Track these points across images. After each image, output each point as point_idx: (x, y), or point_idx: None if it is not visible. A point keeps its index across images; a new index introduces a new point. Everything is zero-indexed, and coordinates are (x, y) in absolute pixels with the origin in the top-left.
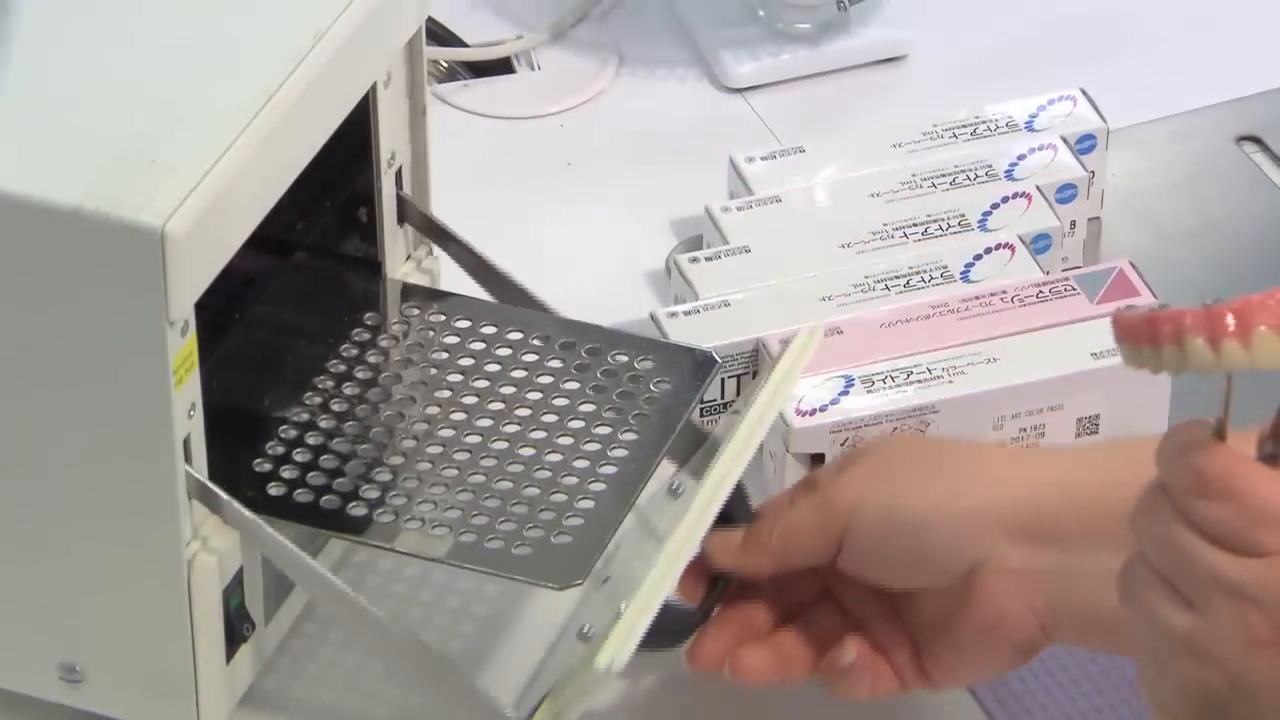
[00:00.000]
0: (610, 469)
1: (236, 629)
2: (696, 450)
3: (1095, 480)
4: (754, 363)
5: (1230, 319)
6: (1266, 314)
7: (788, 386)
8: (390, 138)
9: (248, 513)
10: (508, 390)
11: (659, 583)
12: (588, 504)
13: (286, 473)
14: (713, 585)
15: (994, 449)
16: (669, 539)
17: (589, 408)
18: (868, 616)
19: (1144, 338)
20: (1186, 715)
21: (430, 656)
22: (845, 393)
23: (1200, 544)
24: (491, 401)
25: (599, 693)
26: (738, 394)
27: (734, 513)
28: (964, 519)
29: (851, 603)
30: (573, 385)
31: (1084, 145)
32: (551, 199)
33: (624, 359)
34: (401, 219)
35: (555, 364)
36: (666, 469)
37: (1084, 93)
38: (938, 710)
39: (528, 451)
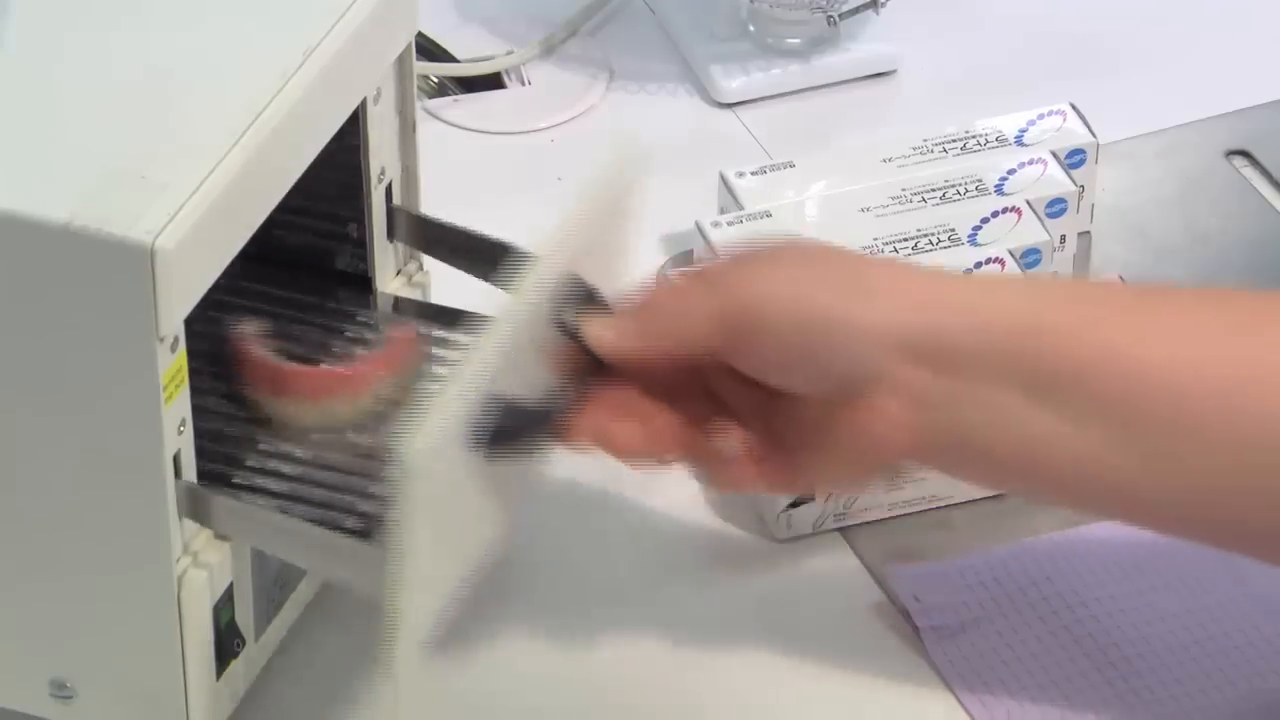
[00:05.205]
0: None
1: (227, 644)
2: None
3: (1001, 313)
4: None
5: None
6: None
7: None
8: (380, 153)
9: (237, 502)
10: None
11: (476, 363)
12: None
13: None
14: (581, 372)
15: (899, 266)
16: (494, 319)
17: None
18: (743, 412)
19: None
20: None
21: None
22: None
23: None
24: None
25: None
26: None
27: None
28: (865, 332)
29: (729, 395)
30: None
31: (1074, 160)
32: (542, 214)
33: None
34: (391, 234)
35: None
36: None
37: (1074, 107)
38: (919, 710)
39: None
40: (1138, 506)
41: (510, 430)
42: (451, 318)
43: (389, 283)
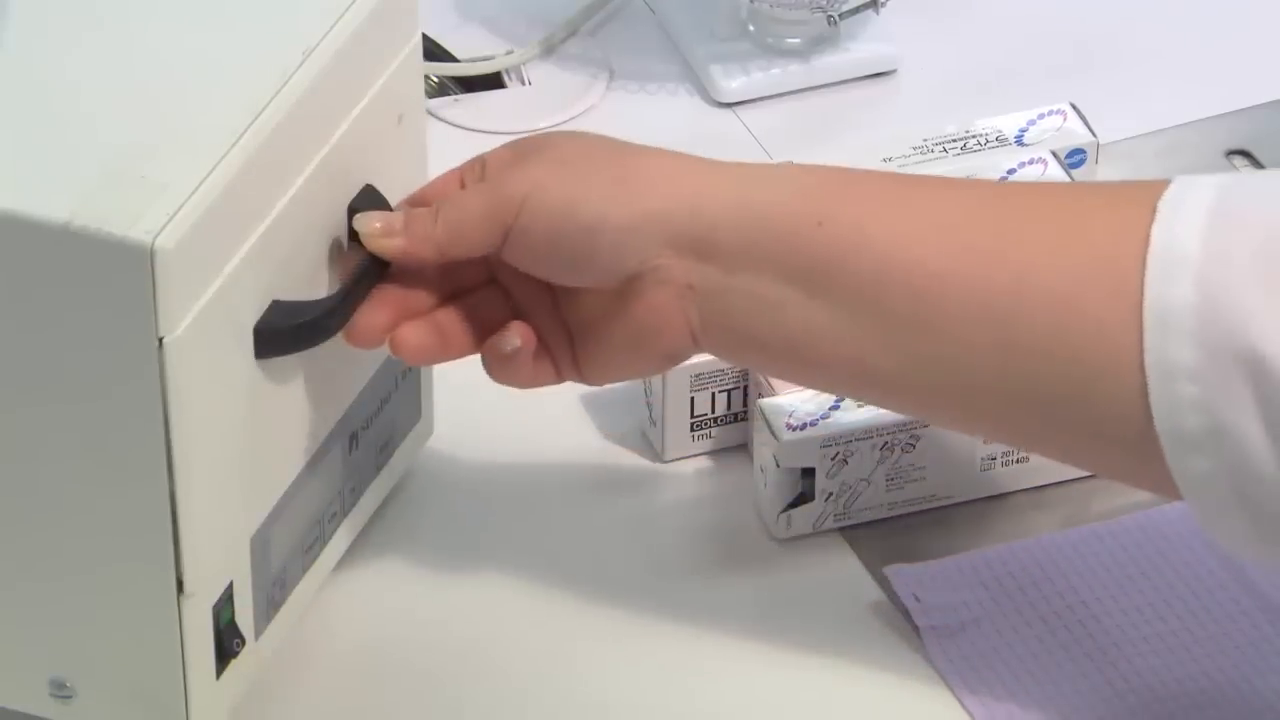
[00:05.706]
0: None
1: (226, 645)
2: None
3: (767, 204)
4: (743, 378)
5: None
6: None
7: None
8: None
9: None
10: None
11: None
12: None
13: None
14: (366, 271)
15: (672, 159)
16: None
17: None
18: (530, 307)
19: None
20: None
21: None
22: (835, 407)
23: None
24: None
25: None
26: (728, 407)
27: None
28: (633, 226)
29: (516, 291)
30: None
31: (1074, 159)
32: None
33: None
34: None
35: None
36: None
37: (1074, 107)
38: (919, 710)
39: None
40: (899, 393)
41: (289, 331)
42: None
43: None
